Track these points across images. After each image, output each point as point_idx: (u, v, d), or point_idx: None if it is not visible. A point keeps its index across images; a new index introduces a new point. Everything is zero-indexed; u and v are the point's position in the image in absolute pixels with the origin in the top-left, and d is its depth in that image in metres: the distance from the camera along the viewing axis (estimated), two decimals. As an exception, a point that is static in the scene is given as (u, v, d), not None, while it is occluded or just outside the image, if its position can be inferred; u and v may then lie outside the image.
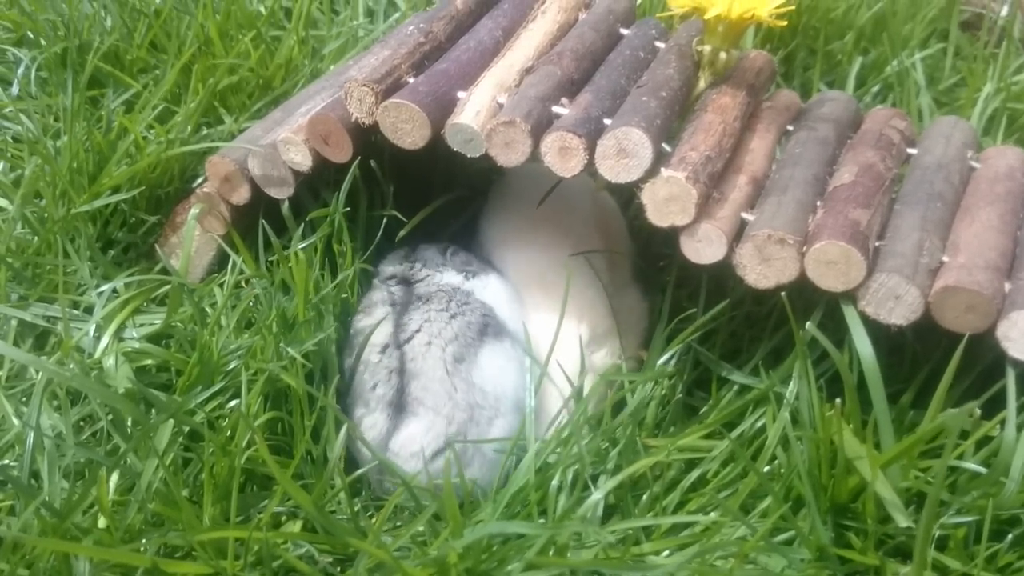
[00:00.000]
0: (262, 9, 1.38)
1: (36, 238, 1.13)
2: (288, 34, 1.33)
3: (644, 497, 0.92)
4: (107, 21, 1.38)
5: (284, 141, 1.00)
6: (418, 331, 0.99)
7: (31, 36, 1.36)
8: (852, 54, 1.40)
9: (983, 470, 0.85)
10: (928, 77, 1.39)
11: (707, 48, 0.99)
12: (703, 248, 0.89)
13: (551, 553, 0.79)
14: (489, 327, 1.00)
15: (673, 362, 1.02)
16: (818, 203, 0.92)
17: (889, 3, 1.46)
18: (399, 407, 0.96)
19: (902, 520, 0.78)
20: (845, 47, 1.43)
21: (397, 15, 1.46)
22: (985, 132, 1.32)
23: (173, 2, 1.36)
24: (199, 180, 1.16)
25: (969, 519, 0.84)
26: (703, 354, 1.03)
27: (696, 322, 1.00)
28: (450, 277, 1.05)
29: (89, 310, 1.07)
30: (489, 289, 1.05)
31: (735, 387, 1.03)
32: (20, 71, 1.28)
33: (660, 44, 1.06)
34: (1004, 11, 1.53)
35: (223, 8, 1.36)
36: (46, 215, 1.12)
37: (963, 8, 1.56)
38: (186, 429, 0.94)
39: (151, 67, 1.34)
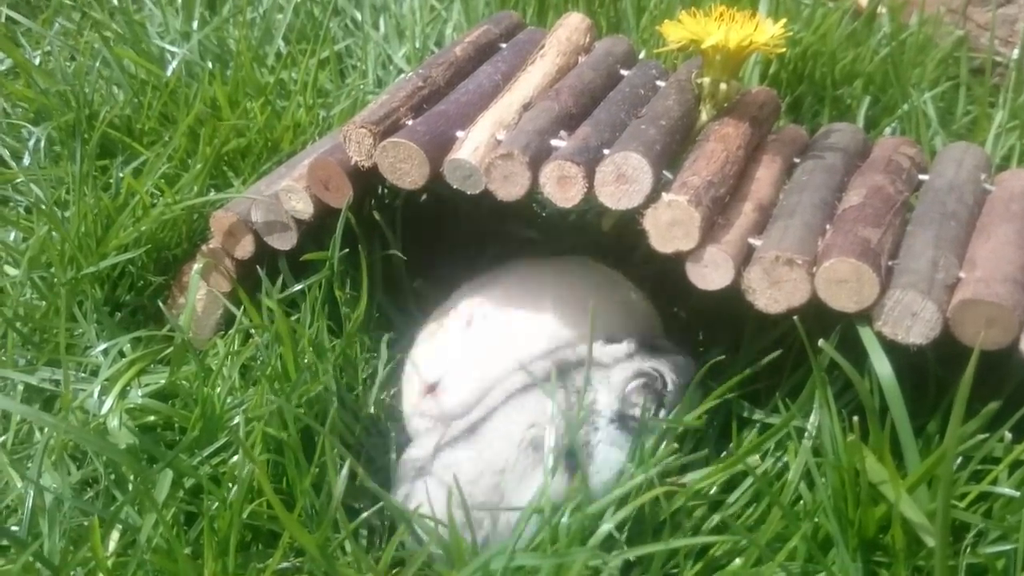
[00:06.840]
0: (271, 80, 1.39)
1: (44, 303, 1.12)
2: (294, 97, 1.34)
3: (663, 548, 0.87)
4: (119, 96, 1.41)
5: (285, 189, 1.00)
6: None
7: (42, 112, 1.38)
8: (861, 97, 1.39)
9: (1016, 494, 0.81)
10: (940, 117, 1.37)
11: (707, 80, 0.98)
12: (709, 273, 0.86)
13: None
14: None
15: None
16: (827, 226, 0.89)
17: (897, 47, 1.46)
18: None
19: (930, 541, 0.73)
20: (854, 91, 1.42)
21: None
22: (1001, 169, 1.30)
23: (182, 74, 1.38)
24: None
25: (1007, 547, 0.79)
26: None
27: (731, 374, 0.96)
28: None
29: (95, 373, 1.06)
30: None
31: (756, 428, 0.99)
32: (31, 143, 1.30)
33: (661, 83, 1.06)
34: (1015, 54, 1.52)
35: (232, 78, 1.38)
36: (55, 280, 1.12)
37: (971, 55, 1.56)
38: (188, 484, 0.92)
39: (162, 139, 1.35)
